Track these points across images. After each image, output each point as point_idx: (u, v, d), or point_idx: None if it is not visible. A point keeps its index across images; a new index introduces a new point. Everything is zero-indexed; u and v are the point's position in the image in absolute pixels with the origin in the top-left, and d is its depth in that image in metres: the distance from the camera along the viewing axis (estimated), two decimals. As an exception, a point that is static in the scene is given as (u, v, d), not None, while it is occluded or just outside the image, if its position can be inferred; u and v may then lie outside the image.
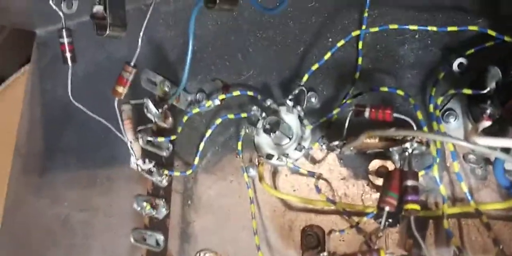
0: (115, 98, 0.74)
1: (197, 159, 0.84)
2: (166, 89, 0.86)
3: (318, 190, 0.73)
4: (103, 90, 0.93)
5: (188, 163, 0.88)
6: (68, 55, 0.74)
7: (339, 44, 0.77)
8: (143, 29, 0.70)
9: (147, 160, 0.78)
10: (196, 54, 0.93)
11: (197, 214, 0.84)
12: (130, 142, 0.78)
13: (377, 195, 0.73)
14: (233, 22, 0.92)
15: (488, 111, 0.61)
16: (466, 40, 0.73)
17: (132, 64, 0.72)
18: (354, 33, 0.77)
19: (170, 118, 0.86)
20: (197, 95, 0.90)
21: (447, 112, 0.71)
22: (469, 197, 0.63)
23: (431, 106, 0.70)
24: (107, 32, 0.69)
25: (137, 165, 0.78)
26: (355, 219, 0.71)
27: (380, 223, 0.64)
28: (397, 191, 0.62)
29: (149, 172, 0.79)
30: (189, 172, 0.84)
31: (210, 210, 0.83)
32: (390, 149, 0.66)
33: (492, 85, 0.63)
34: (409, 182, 0.61)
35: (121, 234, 0.89)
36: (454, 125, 0.70)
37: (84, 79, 1.06)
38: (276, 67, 0.86)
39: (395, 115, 0.66)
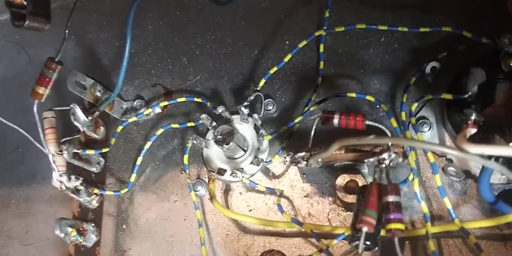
0: (34, 101, 0.61)
1: (133, 176, 0.72)
2: (98, 94, 0.73)
3: (281, 209, 0.63)
4: (23, 96, 0.80)
5: (122, 181, 0.75)
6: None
7: (300, 45, 0.69)
8: (69, 20, 0.59)
9: (73, 177, 0.65)
10: (134, 57, 0.82)
11: (134, 241, 0.71)
12: (52, 154, 0.65)
13: (346, 213, 0.64)
14: (177, 22, 0.82)
15: (473, 117, 0.54)
16: (436, 43, 0.67)
17: (56, 59, 0.59)
18: (317, 33, 0.70)
19: (102, 128, 0.74)
20: (135, 102, 0.78)
21: (420, 121, 0.64)
22: (453, 215, 0.56)
23: (403, 114, 0.63)
24: (26, 22, 0.57)
25: (60, 182, 0.64)
26: (323, 242, 0.61)
27: (356, 246, 0.55)
28: (376, 209, 0.53)
29: (76, 191, 0.66)
30: (124, 191, 0.72)
31: (149, 235, 0.71)
32: (365, 160, 0.58)
33: (474, 89, 0.57)
34: (391, 198, 0.53)
35: (40, 267, 0.75)
36: (428, 135, 0.64)
37: (2, 85, 0.91)
38: (227, 71, 0.76)
39: (367, 122, 0.58)
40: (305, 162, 0.61)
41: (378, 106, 0.66)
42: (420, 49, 0.68)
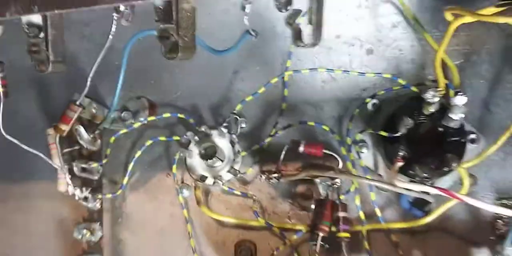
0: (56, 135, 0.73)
1: (126, 179, 0.87)
2: (94, 111, 0.85)
3: (257, 215, 0.82)
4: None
5: (114, 181, 0.89)
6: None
7: (272, 81, 0.84)
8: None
9: (84, 189, 0.79)
10: (115, 69, 0.91)
11: (129, 232, 0.87)
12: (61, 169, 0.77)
13: (302, 213, 0.84)
14: (154, 40, 0.91)
15: (401, 154, 0.75)
16: (375, 82, 0.85)
17: (78, 103, 0.71)
18: (287, 73, 0.84)
19: (99, 140, 0.86)
20: (123, 113, 0.89)
21: (360, 144, 0.83)
22: (381, 220, 0.79)
23: (349, 139, 0.83)
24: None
25: (75, 195, 0.78)
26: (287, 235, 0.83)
27: (314, 245, 0.76)
28: (330, 220, 0.75)
29: (84, 199, 0.80)
30: (119, 192, 0.86)
31: (142, 228, 0.87)
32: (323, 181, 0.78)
33: (403, 131, 0.77)
34: (341, 214, 0.75)
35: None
36: (366, 154, 0.84)
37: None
38: (204, 90, 0.89)
39: (325, 151, 0.77)
40: (277, 180, 0.80)
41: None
42: (362, 86, 0.86)
